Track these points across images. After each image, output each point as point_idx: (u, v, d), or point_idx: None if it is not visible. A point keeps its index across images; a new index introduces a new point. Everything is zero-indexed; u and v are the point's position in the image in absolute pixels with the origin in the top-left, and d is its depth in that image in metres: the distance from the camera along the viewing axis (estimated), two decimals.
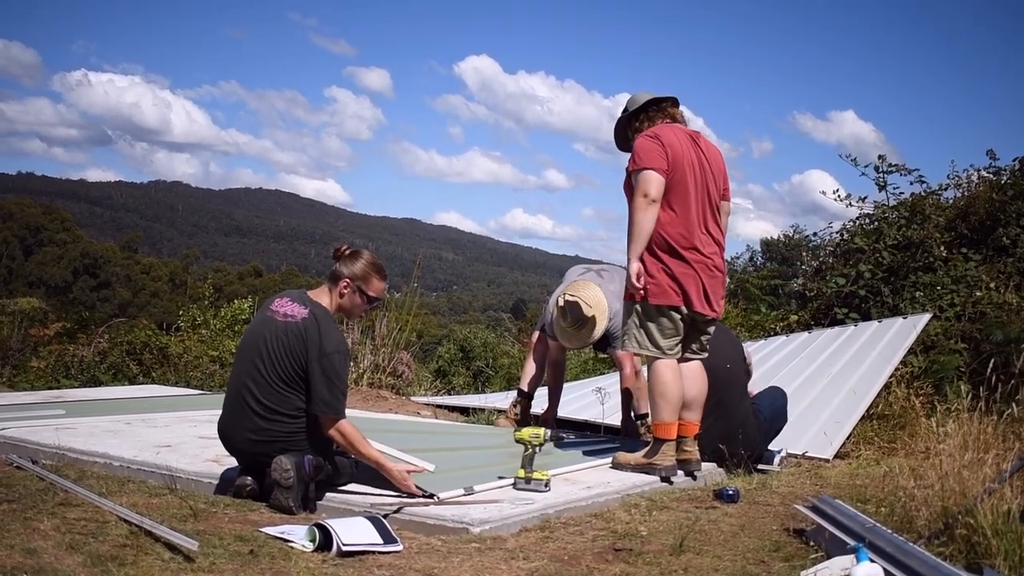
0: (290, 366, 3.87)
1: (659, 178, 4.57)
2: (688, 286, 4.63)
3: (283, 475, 3.73)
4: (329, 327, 3.96)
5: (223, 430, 4.04)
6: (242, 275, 64.21)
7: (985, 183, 10.76)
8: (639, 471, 4.70)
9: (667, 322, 4.67)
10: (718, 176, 4.85)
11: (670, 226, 4.62)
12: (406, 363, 9.54)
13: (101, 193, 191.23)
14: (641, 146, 4.67)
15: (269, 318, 3.98)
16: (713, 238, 4.76)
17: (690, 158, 4.70)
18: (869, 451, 5.99)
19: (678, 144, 4.68)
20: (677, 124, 4.86)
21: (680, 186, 4.64)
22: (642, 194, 4.57)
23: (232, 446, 4.04)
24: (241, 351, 4.05)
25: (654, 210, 4.57)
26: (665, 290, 4.62)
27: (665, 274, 4.62)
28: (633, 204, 4.60)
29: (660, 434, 4.72)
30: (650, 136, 4.70)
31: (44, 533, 3.13)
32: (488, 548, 3.40)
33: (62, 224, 76.57)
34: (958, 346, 7.84)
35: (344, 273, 4.05)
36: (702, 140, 4.88)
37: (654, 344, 4.70)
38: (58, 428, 4.95)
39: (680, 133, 4.77)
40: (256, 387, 3.89)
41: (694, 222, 4.66)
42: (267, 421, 3.87)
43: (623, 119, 4.99)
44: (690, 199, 4.66)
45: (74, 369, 8.89)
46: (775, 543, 3.64)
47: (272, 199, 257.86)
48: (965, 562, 3.02)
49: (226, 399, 4.05)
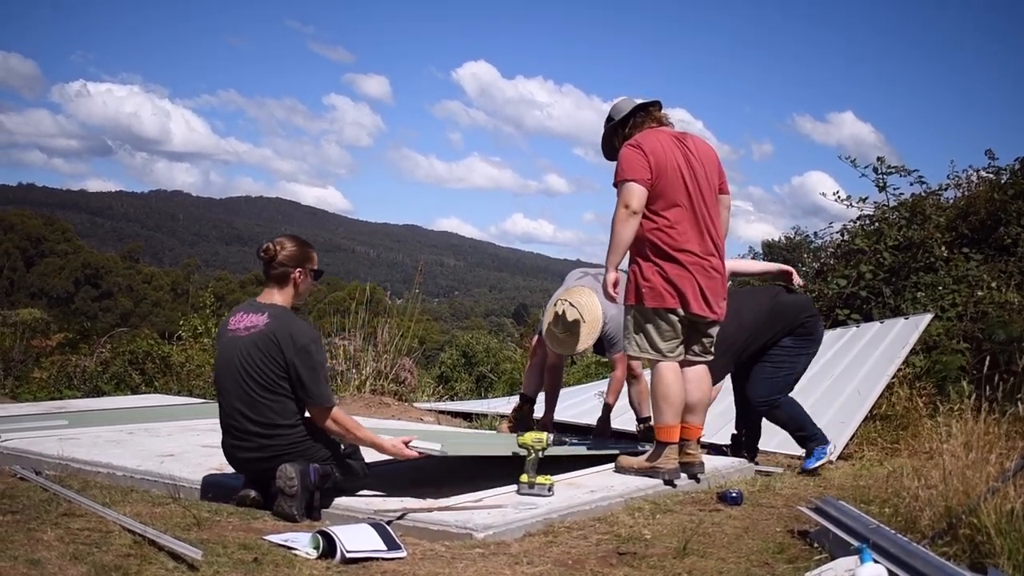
0: (271, 372, 3.84)
1: (641, 189, 4.57)
2: (684, 288, 4.62)
3: (287, 483, 3.73)
4: (294, 321, 3.95)
5: (229, 453, 4.02)
6: (244, 283, 64.13)
7: (985, 183, 10.78)
8: (642, 475, 4.69)
9: (665, 325, 4.66)
10: (711, 173, 4.81)
11: (662, 230, 4.62)
12: (408, 369, 9.55)
13: (102, 203, 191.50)
14: (624, 156, 4.67)
15: (233, 337, 3.94)
16: (710, 238, 4.73)
17: (675, 161, 4.67)
18: (872, 452, 5.99)
19: (661, 149, 4.66)
20: (663, 128, 4.84)
21: (669, 190, 4.63)
22: (623, 205, 4.58)
23: (240, 466, 4.02)
24: (222, 377, 3.99)
25: (634, 221, 4.58)
26: (660, 293, 4.62)
27: (660, 277, 4.62)
28: (614, 215, 4.62)
29: (663, 437, 4.70)
30: (632, 146, 4.69)
31: (48, 544, 3.13)
32: (492, 553, 3.39)
33: (63, 235, 76.72)
34: (960, 346, 7.84)
35: (291, 265, 4.02)
36: (690, 139, 4.83)
37: (654, 347, 4.69)
38: (61, 439, 4.96)
39: (664, 137, 4.75)
40: (247, 407, 3.87)
41: (686, 224, 4.65)
42: (267, 438, 3.86)
43: (609, 129, 4.98)
44: (681, 202, 4.65)
45: (76, 379, 8.91)
46: (779, 545, 3.63)
47: (273, 207, 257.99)
48: (969, 562, 3.01)
49: (223, 426, 4.00)
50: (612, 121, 4.95)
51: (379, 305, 10.60)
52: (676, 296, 4.63)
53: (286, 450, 3.85)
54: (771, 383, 5.33)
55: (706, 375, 4.87)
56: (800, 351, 5.39)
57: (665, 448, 4.69)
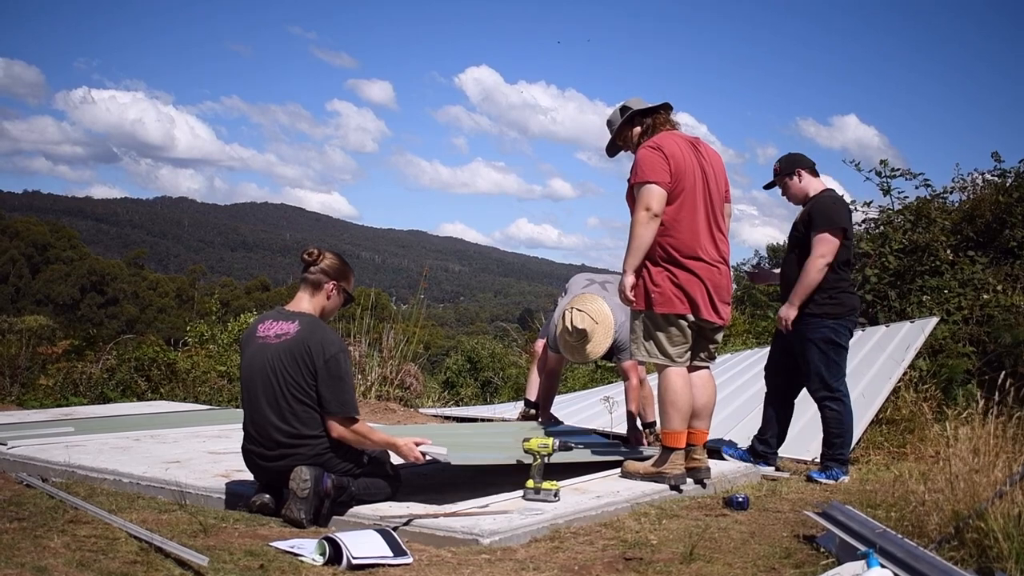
0: (303, 380, 3.85)
1: (661, 192, 4.55)
2: (694, 294, 4.63)
3: (300, 484, 3.73)
4: (324, 331, 3.96)
5: (250, 459, 3.99)
6: (249, 289, 64.24)
7: (990, 186, 10.76)
8: (648, 480, 4.68)
9: (675, 330, 4.66)
10: (720, 180, 4.83)
11: (674, 235, 4.61)
12: (414, 375, 9.55)
13: (107, 210, 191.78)
14: (644, 158, 4.64)
15: (263, 344, 3.95)
16: (717, 245, 4.74)
17: (692, 166, 4.68)
18: (879, 456, 5.97)
19: (680, 154, 4.66)
20: (676, 132, 4.84)
21: (684, 195, 4.63)
22: (644, 208, 4.55)
23: (259, 473, 4.00)
24: (250, 383, 3.97)
25: (655, 224, 4.55)
26: (671, 298, 4.62)
27: (671, 282, 4.61)
28: (634, 217, 4.58)
29: (669, 443, 4.69)
30: (653, 147, 4.66)
31: (54, 551, 3.14)
32: (498, 559, 3.39)
33: (69, 242, 76.82)
34: (966, 349, 7.83)
35: (329, 276, 4.07)
36: (702, 145, 4.85)
37: (663, 353, 4.69)
38: (67, 446, 4.97)
39: (681, 141, 4.75)
40: (274, 414, 3.86)
41: (699, 230, 4.66)
42: (291, 447, 3.86)
43: (624, 120, 4.92)
44: (695, 207, 4.65)
45: (82, 386, 8.91)
46: (785, 550, 3.63)
47: (278, 213, 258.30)
48: (976, 566, 3.01)
49: (247, 432, 3.98)
50: (628, 111, 4.89)
51: (384, 311, 10.62)
52: (686, 302, 4.63)
53: (309, 460, 3.84)
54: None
55: (711, 380, 4.88)
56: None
57: (672, 453, 4.68)
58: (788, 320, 5.28)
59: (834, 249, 5.20)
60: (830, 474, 5.20)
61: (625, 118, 4.92)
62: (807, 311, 5.28)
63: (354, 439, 3.91)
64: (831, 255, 5.21)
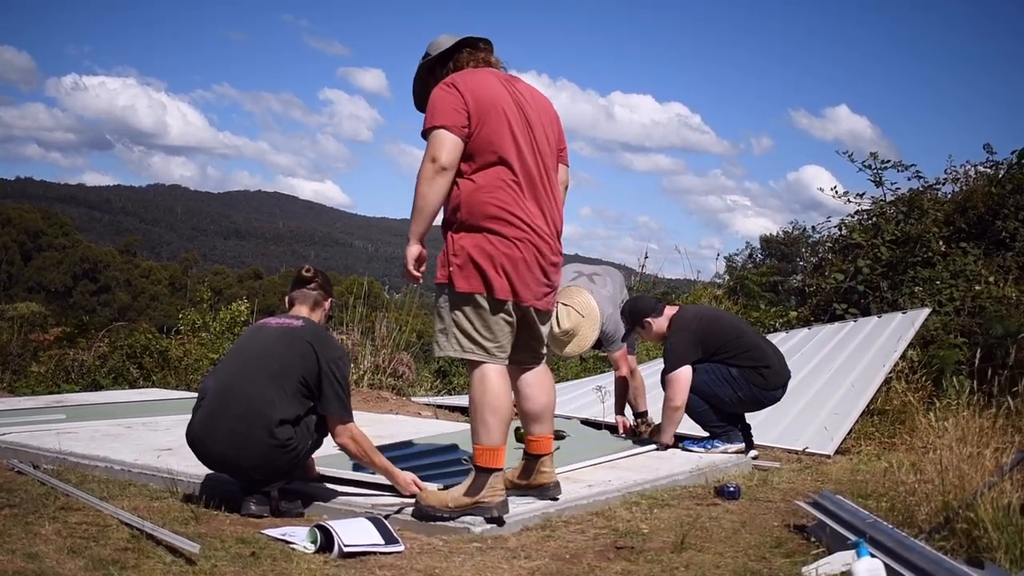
0: (289, 364, 3.70)
1: (453, 139, 3.59)
2: (510, 270, 3.64)
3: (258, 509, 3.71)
4: (328, 335, 3.97)
5: (200, 430, 3.76)
6: (241, 278, 64.18)
7: (983, 177, 10.80)
8: (462, 514, 3.62)
9: (488, 315, 3.65)
10: (550, 129, 3.86)
11: (483, 193, 3.63)
12: (406, 364, 9.54)
13: (99, 197, 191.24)
14: (433, 98, 3.68)
15: (261, 327, 3.95)
16: (543, 210, 3.75)
17: (503, 105, 3.69)
18: (869, 447, 5.99)
19: (486, 90, 3.68)
20: (489, 69, 3.85)
21: (493, 142, 3.64)
22: (430, 159, 3.59)
23: (206, 455, 3.79)
24: (230, 357, 3.88)
25: (445, 179, 3.60)
26: (478, 275, 3.62)
27: (482, 254, 3.62)
28: (419, 172, 3.63)
29: (485, 462, 3.62)
30: (446, 85, 3.69)
31: (45, 538, 3.14)
32: (489, 547, 3.40)
33: (61, 229, 76.63)
34: (957, 340, 7.85)
35: (326, 294, 4.10)
36: (522, 83, 3.89)
37: (474, 343, 3.66)
38: (59, 433, 4.96)
39: (488, 76, 3.77)
40: (246, 383, 3.68)
41: (516, 188, 3.67)
42: (248, 425, 3.64)
43: (423, 68, 3.92)
44: (509, 158, 3.66)
45: (74, 374, 8.89)
46: (776, 539, 3.64)
47: (271, 201, 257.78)
48: (966, 556, 3.02)
49: (202, 406, 3.77)
50: (428, 57, 3.90)
51: (377, 299, 10.60)
52: (504, 279, 3.63)
53: (258, 451, 3.63)
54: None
55: (547, 376, 3.99)
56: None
57: (488, 477, 3.63)
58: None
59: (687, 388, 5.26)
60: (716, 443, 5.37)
61: (425, 65, 3.92)
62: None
63: (354, 449, 3.79)
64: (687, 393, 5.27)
